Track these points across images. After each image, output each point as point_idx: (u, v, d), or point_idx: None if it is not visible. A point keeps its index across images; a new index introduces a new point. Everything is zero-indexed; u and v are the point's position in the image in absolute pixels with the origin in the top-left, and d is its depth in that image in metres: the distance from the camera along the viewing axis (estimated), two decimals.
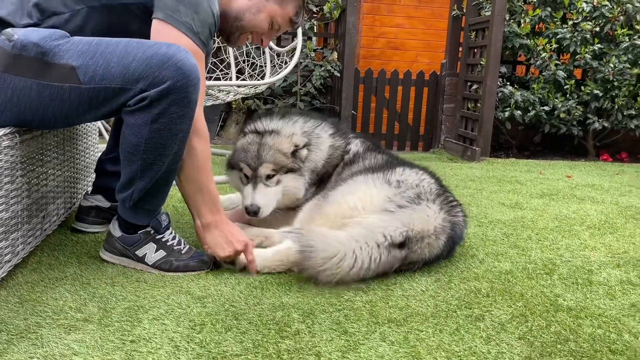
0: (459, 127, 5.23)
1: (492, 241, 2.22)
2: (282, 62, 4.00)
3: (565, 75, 4.79)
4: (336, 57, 5.08)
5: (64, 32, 1.57)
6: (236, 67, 4.14)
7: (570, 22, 4.83)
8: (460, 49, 5.35)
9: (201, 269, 1.73)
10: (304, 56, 5.07)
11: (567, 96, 4.85)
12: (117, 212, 1.74)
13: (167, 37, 1.58)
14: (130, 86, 1.51)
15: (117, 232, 1.73)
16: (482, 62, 4.77)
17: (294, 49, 3.72)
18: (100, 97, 1.52)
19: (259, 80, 4.06)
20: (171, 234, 1.77)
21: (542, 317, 1.52)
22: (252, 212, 1.93)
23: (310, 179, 2.06)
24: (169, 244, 1.74)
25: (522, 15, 4.92)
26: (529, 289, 1.72)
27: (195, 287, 1.61)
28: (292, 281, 1.67)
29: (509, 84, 4.98)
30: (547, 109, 4.80)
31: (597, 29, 4.76)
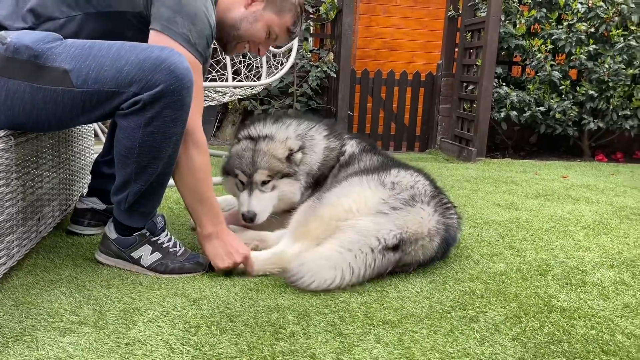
0: (455, 127, 5.24)
1: (487, 242, 2.23)
2: (278, 63, 4.00)
3: (560, 75, 4.81)
4: (332, 57, 5.09)
5: (57, 35, 1.56)
6: (232, 68, 4.14)
7: (565, 23, 4.85)
8: (456, 50, 5.36)
9: (197, 271, 1.73)
10: (300, 57, 5.08)
11: (563, 97, 4.87)
12: (113, 214, 1.74)
13: None
14: (123, 89, 1.50)
15: (113, 234, 1.74)
16: (478, 63, 4.78)
17: (290, 50, 3.71)
18: (93, 100, 1.52)
19: (255, 81, 4.05)
20: (167, 236, 1.77)
21: (535, 318, 1.53)
22: (249, 219, 1.94)
23: (305, 182, 2.06)
24: (164, 246, 1.74)
25: (518, 16, 4.93)
26: (523, 290, 1.73)
27: (190, 289, 1.62)
28: (287, 283, 1.67)
29: (504, 84, 5.00)
30: (542, 109, 4.82)
31: (592, 30, 4.78)
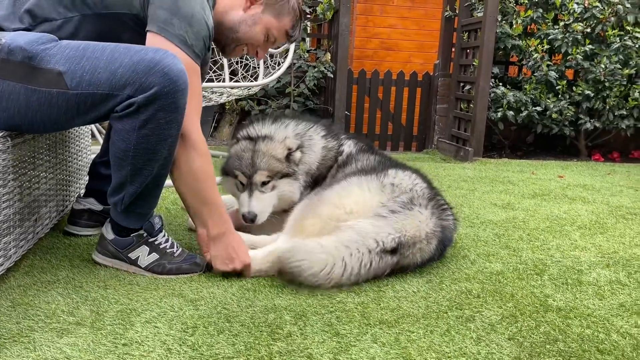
0: (452, 127, 5.25)
1: (484, 242, 2.24)
2: (275, 64, 4.00)
3: (557, 75, 4.82)
4: (329, 58, 5.10)
5: (52, 36, 1.56)
6: (229, 69, 4.14)
7: (561, 23, 4.86)
8: (453, 50, 5.37)
9: (194, 272, 1.74)
10: (297, 57, 5.08)
11: (559, 96, 4.88)
12: (110, 215, 1.74)
13: None
14: (117, 92, 1.50)
15: (110, 235, 1.74)
16: (474, 63, 4.79)
17: (287, 50, 3.72)
18: (87, 102, 1.52)
19: (252, 81, 4.05)
20: (164, 236, 1.78)
21: (531, 317, 1.54)
22: (249, 220, 1.95)
23: (305, 182, 2.07)
24: (161, 247, 1.74)
25: (514, 16, 4.95)
26: (520, 290, 1.74)
27: (187, 289, 1.62)
28: (283, 284, 1.67)
29: (501, 84, 5.01)
30: (539, 109, 4.84)
31: (588, 30, 4.79)
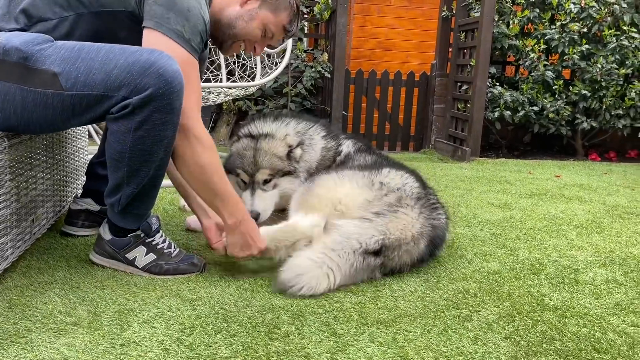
0: (449, 127, 5.26)
1: (481, 241, 2.25)
2: (272, 64, 4.00)
3: (553, 75, 4.83)
4: (327, 58, 5.10)
5: (47, 37, 1.55)
6: (226, 69, 4.14)
7: (558, 23, 4.87)
8: (450, 50, 5.37)
9: (191, 272, 1.74)
10: (295, 57, 5.08)
11: (556, 96, 4.89)
12: (107, 215, 1.74)
13: (158, 45, 1.56)
14: (112, 93, 1.49)
15: (107, 235, 1.74)
16: (471, 63, 4.80)
17: (284, 50, 3.72)
18: (82, 103, 1.51)
19: (249, 81, 4.06)
20: (161, 237, 1.78)
21: (528, 316, 1.54)
22: (252, 218, 1.95)
23: (305, 180, 2.08)
24: (159, 247, 1.74)
25: (511, 16, 4.96)
26: (516, 289, 1.74)
27: (185, 290, 1.62)
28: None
29: (498, 84, 5.02)
30: (536, 109, 4.85)
31: (585, 30, 4.81)
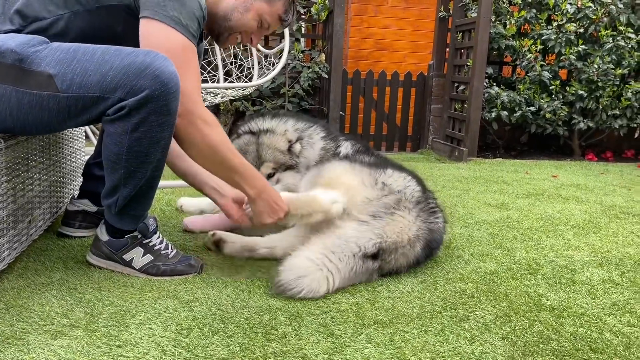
0: (446, 127, 5.26)
1: (478, 242, 2.25)
2: (269, 64, 4.00)
3: (550, 75, 4.84)
4: (324, 58, 5.10)
5: (43, 38, 1.55)
6: (224, 69, 4.14)
7: (555, 24, 4.89)
8: (447, 50, 5.38)
9: (188, 273, 1.73)
10: (292, 58, 5.08)
11: (553, 96, 4.90)
12: (104, 216, 1.74)
13: (156, 33, 1.55)
14: (108, 95, 1.49)
15: (105, 236, 1.73)
16: (468, 63, 4.81)
17: (281, 51, 3.71)
18: (78, 105, 1.51)
19: (246, 82, 4.05)
20: (158, 238, 1.77)
21: (525, 317, 1.54)
22: None
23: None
24: (156, 248, 1.74)
25: (508, 16, 4.96)
26: (513, 289, 1.75)
27: (182, 291, 1.62)
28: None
29: (495, 84, 5.03)
30: (533, 109, 4.85)
31: (582, 30, 4.82)
